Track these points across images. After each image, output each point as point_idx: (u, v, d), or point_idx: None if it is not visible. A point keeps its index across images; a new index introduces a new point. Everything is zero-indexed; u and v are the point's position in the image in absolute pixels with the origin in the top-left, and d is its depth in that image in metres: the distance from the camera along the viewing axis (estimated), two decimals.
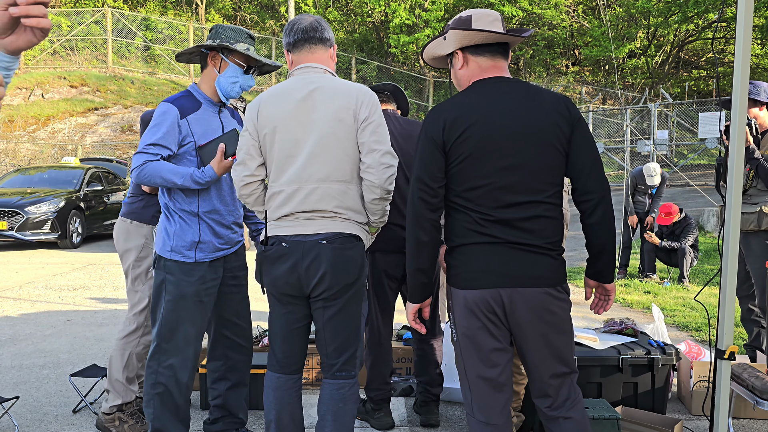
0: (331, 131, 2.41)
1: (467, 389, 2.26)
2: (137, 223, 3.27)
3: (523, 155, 2.14)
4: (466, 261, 2.18)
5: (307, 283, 2.44)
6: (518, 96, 2.18)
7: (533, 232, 2.16)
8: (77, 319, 6.02)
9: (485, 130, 2.14)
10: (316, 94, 2.44)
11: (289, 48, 2.56)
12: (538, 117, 2.15)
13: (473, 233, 2.17)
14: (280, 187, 2.45)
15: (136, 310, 3.28)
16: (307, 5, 23.89)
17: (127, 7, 23.94)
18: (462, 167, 2.16)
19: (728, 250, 2.45)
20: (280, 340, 2.56)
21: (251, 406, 3.67)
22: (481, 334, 2.18)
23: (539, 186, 2.16)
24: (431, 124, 2.19)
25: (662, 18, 22.27)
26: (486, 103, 2.16)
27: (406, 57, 24.25)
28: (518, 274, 2.14)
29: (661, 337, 4.14)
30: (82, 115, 18.71)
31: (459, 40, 2.23)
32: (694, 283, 7.93)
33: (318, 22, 2.54)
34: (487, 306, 2.16)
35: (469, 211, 2.17)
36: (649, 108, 17.63)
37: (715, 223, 12.36)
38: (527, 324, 2.17)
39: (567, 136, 2.18)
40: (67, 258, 10.17)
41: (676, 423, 3.11)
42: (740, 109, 2.40)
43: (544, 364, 2.22)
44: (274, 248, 2.46)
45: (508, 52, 2.29)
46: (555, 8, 23.39)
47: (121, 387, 3.25)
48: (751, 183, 4.05)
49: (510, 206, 2.14)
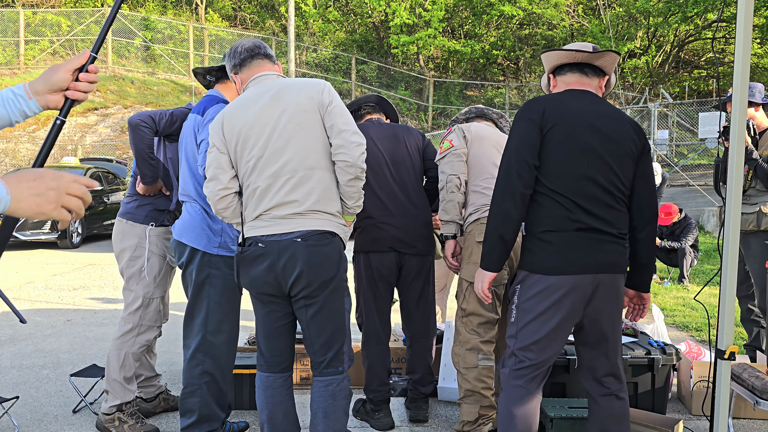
0: (296, 122, 2.47)
1: (513, 363, 2.44)
2: (132, 223, 3.30)
3: (609, 153, 2.36)
4: (552, 248, 2.32)
5: (285, 281, 2.47)
6: (605, 107, 2.43)
7: (611, 222, 2.36)
8: (77, 319, 6.02)
9: (579, 124, 2.35)
10: (277, 94, 2.50)
11: (236, 70, 2.66)
12: (622, 127, 2.41)
13: (562, 220, 2.32)
14: (254, 184, 2.49)
15: (130, 310, 3.30)
16: (307, 5, 23.87)
17: (127, 7, 23.92)
18: (556, 154, 2.33)
19: (728, 250, 2.45)
20: (265, 339, 2.60)
21: (252, 405, 3.67)
22: (551, 318, 2.34)
23: (617, 183, 2.38)
24: (531, 109, 2.37)
25: (662, 18, 22.26)
26: (578, 104, 2.39)
27: (406, 57, 24.23)
28: (603, 261, 2.33)
29: (661, 337, 4.14)
30: (82, 115, 18.71)
31: (545, 63, 2.55)
32: (694, 283, 7.92)
33: (260, 41, 2.68)
34: (570, 292, 2.31)
35: (558, 198, 2.32)
36: (649, 108, 17.62)
37: (715, 223, 12.35)
38: (604, 308, 2.38)
39: (636, 156, 2.43)
40: (67, 258, 10.17)
41: (676, 423, 3.11)
42: (740, 108, 2.40)
43: (615, 345, 2.46)
44: (251, 249, 2.50)
45: (596, 73, 2.50)
46: (555, 8, 23.37)
47: (119, 387, 3.25)
48: (750, 183, 4.05)
49: (595, 197, 2.33)
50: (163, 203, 3.35)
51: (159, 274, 3.33)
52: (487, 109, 3.60)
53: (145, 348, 3.33)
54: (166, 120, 3.19)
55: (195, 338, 2.99)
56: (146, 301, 3.30)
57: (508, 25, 24.64)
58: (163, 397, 3.63)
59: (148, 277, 3.29)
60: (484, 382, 3.04)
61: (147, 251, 3.27)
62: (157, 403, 3.60)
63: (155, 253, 3.31)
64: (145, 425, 3.29)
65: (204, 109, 2.99)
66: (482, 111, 3.58)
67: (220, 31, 23.77)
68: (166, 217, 3.37)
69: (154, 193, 3.32)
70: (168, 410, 3.65)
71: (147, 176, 3.20)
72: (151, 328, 3.33)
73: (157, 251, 3.32)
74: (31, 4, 22.87)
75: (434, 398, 3.91)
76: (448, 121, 24.66)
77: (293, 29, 21.12)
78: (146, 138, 3.14)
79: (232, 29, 24.67)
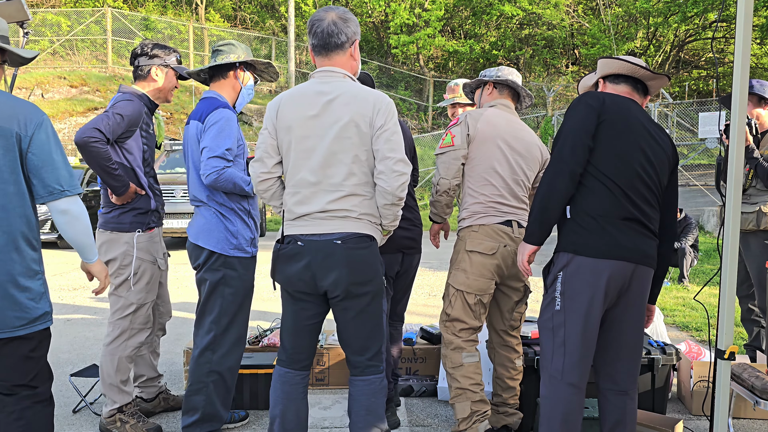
0: (346, 136, 2.44)
1: (561, 356, 2.42)
2: (117, 233, 3.23)
3: (655, 156, 2.48)
4: (601, 232, 2.38)
5: (321, 281, 2.48)
6: (651, 119, 2.57)
7: (651, 218, 2.47)
8: (77, 319, 6.02)
9: (633, 122, 2.45)
10: (334, 100, 2.46)
11: (312, 49, 2.59)
12: (666, 138, 2.56)
13: (612, 207, 2.39)
14: (296, 188, 2.50)
15: (120, 315, 3.26)
16: (307, 5, 23.87)
17: (127, 7, 23.93)
18: (610, 144, 2.41)
19: (728, 250, 2.45)
20: (290, 335, 2.61)
21: (251, 405, 3.67)
22: (596, 303, 2.38)
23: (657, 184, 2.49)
24: (591, 96, 2.47)
25: (662, 18, 22.26)
26: (629, 105, 2.50)
27: (406, 57, 24.24)
28: (643, 252, 2.42)
29: (661, 337, 4.14)
30: (82, 115, 18.70)
31: (600, 68, 2.65)
32: (694, 283, 7.92)
33: (335, 24, 2.50)
34: (615, 279, 2.38)
35: (610, 185, 2.39)
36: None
37: (715, 223, 12.35)
38: (635, 299, 2.44)
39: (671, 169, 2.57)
40: (67, 258, 10.17)
41: (676, 423, 3.11)
42: (740, 108, 2.40)
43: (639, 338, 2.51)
44: (289, 246, 2.50)
45: (645, 91, 2.64)
46: (555, 8, 23.37)
47: (116, 391, 3.25)
48: (751, 183, 4.05)
49: (641, 191, 2.43)
50: (144, 205, 3.26)
51: (150, 280, 3.29)
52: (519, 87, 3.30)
53: (137, 350, 3.31)
54: (113, 124, 3.05)
55: (205, 337, 3.03)
56: (138, 307, 3.28)
57: (508, 25, 24.64)
58: (163, 397, 3.62)
59: (140, 284, 3.25)
60: (471, 378, 3.07)
61: (135, 259, 3.21)
62: (156, 403, 3.60)
63: (145, 260, 3.26)
64: (146, 423, 3.29)
65: (202, 114, 2.99)
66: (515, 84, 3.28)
67: (220, 31, 23.77)
68: (151, 218, 3.30)
69: (131, 199, 3.22)
70: (168, 410, 3.65)
71: (117, 188, 3.10)
72: (141, 331, 3.30)
73: (147, 257, 3.26)
74: (31, 4, 22.86)
75: (434, 398, 3.91)
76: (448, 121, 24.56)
77: (293, 29, 21.12)
78: (102, 152, 3.00)
79: (232, 29, 24.68)
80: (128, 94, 3.22)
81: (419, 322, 5.31)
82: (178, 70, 3.33)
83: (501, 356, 3.24)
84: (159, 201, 3.34)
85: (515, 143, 3.14)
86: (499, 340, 3.25)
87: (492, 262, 3.05)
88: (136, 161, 3.22)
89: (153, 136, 3.37)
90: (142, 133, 3.24)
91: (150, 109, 3.32)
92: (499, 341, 3.25)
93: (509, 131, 3.15)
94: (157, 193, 3.35)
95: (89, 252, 2.43)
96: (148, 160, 3.31)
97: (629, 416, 2.54)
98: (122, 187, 3.12)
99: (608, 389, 2.56)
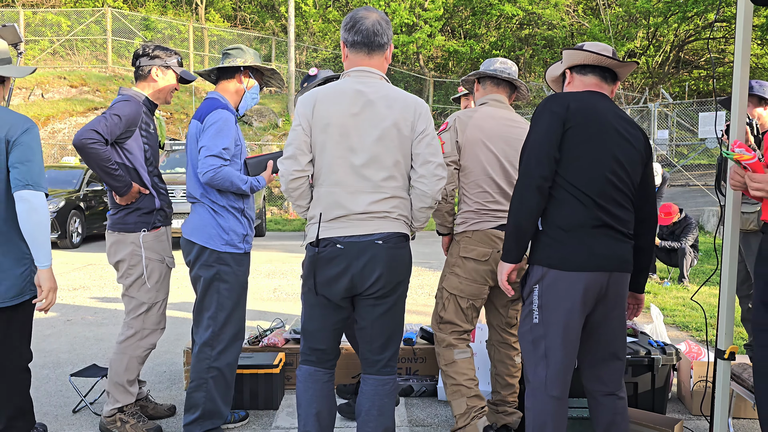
0: (389, 139, 2.44)
1: (543, 368, 2.41)
2: (123, 233, 3.24)
3: (625, 156, 2.42)
4: (575, 244, 2.35)
5: (362, 282, 2.46)
6: (622, 112, 2.49)
7: (624, 222, 2.43)
8: (77, 319, 6.02)
9: (601, 124, 2.39)
10: (375, 101, 2.45)
11: (348, 45, 2.52)
12: (637, 133, 2.49)
13: (584, 217, 2.35)
14: (332, 188, 2.45)
15: (133, 315, 3.29)
16: (307, 5, 23.87)
17: (127, 7, 23.94)
18: (577, 151, 2.36)
19: (728, 250, 2.45)
20: (322, 335, 2.57)
21: (252, 405, 3.67)
22: (574, 314, 2.36)
23: (630, 185, 2.45)
24: (556, 102, 2.40)
25: (662, 18, 22.26)
26: (600, 105, 2.43)
27: (406, 57, 24.24)
28: (618, 259, 2.39)
29: (660, 337, 4.13)
30: (82, 114, 18.70)
31: (567, 59, 2.57)
32: (694, 283, 7.92)
33: (379, 24, 2.49)
34: (592, 289, 2.35)
35: (579, 195, 2.35)
36: (649, 108, 17.62)
37: (716, 223, 12.36)
38: (614, 304, 2.43)
39: (644, 163, 2.52)
40: (67, 258, 10.17)
41: (676, 423, 3.11)
42: (740, 108, 2.40)
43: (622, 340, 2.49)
44: (327, 249, 2.45)
45: (614, 80, 2.57)
46: (555, 8, 23.38)
47: (121, 390, 3.25)
48: None
49: (612, 196, 2.39)
50: (148, 204, 3.27)
51: (160, 279, 3.31)
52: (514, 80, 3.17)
53: (149, 351, 3.32)
54: (111, 125, 3.06)
55: (204, 333, 3.07)
56: (150, 306, 3.30)
57: (508, 25, 24.65)
58: (141, 404, 3.53)
59: (149, 283, 3.27)
60: (465, 374, 3.09)
61: (144, 258, 3.24)
62: None
63: (152, 259, 3.27)
64: (146, 423, 3.29)
65: (202, 115, 3.04)
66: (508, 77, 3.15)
67: (220, 31, 23.78)
68: (156, 217, 3.30)
69: (135, 199, 3.23)
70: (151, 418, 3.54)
71: (119, 188, 3.12)
72: (154, 332, 3.33)
73: (154, 256, 3.28)
74: (31, 4, 22.87)
75: (434, 398, 3.91)
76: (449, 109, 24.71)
77: (293, 29, 21.12)
78: (101, 153, 3.02)
79: (232, 29, 24.68)
80: (126, 95, 3.25)
81: (419, 322, 5.31)
82: (183, 75, 3.36)
83: (500, 353, 3.25)
84: (164, 200, 3.35)
85: (508, 143, 3.08)
86: (498, 338, 3.26)
87: (485, 268, 3.06)
88: (138, 161, 3.23)
89: (154, 136, 3.38)
90: (142, 133, 3.25)
91: (150, 110, 3.34)
92: (498, 338, 3.26)
93: (501, 132, 3.08)
94: (162, 192, 3.36)
95: (41, 252, 2.53)
96: (151, 159, 3.32)
97: (621, 416, 2.55)
98: (124, 187, 3.13)
99: (596, 390, 2.57)
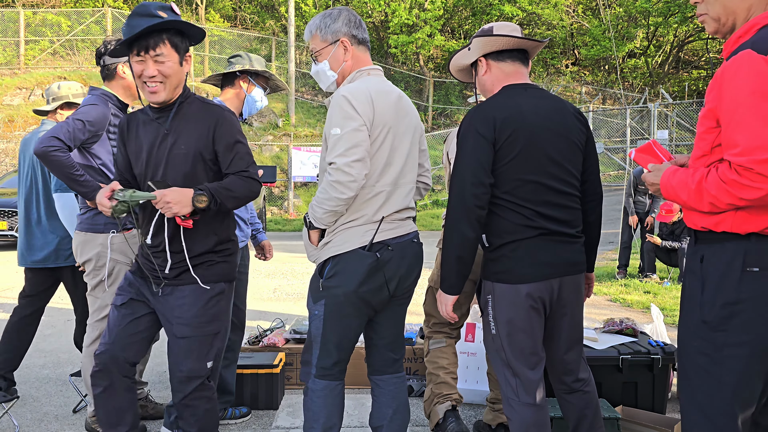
0: (416, 135, 2.52)
1: (510, 377, 2.37)
2: (92, 233, 3.17)
3: (561, 152, 2.33)
4: (518, 256, 2.30)
5: (403, 283, 2.45)
6: (548, 100, 2.38)
7: (569, 222, 2.36)
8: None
9: (531, 129, 2.29)
10: (404, 99, 2.48)
11: (356, 42, 2.46)
12: (566, 119, 2.37)
13: (523, 228, 2.29)
14: (381, 187, 2.37)
15: (97, 317, 3.20)
16: (307, 5, 23.88)
17: (127, 7, 23.93)
18: (511, 165, 2.28)
19: None
20: (349, 345, 2.46)
21: (252, 405, 3.67)
22: (531, 325, 2.32)
23: (571, 180, 2.37)
24: (481, 122, 2.28)
25: (662, 18, 22.28)
26: (526, 105, 2.32)
27: (406, 57, 24.25)
28: (566, 263, 2.34)
29: (660, 337, 4.14)
30: None
31: (482, 46, 2.42)
32: None
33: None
34: (540, 297, 2.31)
35: (517, 208, 2.29)
36: (649, 108, 17.63)
37: None
38: (568, 307, 2.39)
39: (583, 146, 2.43)
40: None
41: (676, 423, 3.12)
42: None
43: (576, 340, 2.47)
44: (384, 253, 2.37)
45: (528, 60, 2.48)
46: (555, 8, 23.38)
47: None
48: None
49: (552, 201, 2.32)
50: None
51: None
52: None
53: None
54: (73, 131, 2.96)
55: None
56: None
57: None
58: (141, 404, 3.52)
59: (114, 286, 3.17)
60: (435, 362, 3.17)
61: (109, 260, 3.15)
62: None
63: (119, 261, 3.18)
64: None
65: None
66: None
67: (221, 32, 23.78)
68: (128, 219, 3.19)
69: None
70: (146, 418, 3.53)
71: (87, 193, 3.00)
72: None
73: (122, 258, 3.18)
74: (31, 4, 22.88)
75: None
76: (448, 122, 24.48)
77: (293, 29, 21.13)
78: (63, 161, 2.90)
79: (232, 29, 24.69)
80: (95, 96, 3.14)
81: (419, 322, 5.31)
82: None
83: None
84: None
85: None
86: None
87: None
88: (106, 165, 3.14)
89: None
90: (110, 136, 3.16)
91: (121, 109, 3.23)
92: None
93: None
94: None
95: None
96: None
97: (589, 409, 2.50)
98: (91, 192, 3.01)
99: (561, 389, 2.53)
